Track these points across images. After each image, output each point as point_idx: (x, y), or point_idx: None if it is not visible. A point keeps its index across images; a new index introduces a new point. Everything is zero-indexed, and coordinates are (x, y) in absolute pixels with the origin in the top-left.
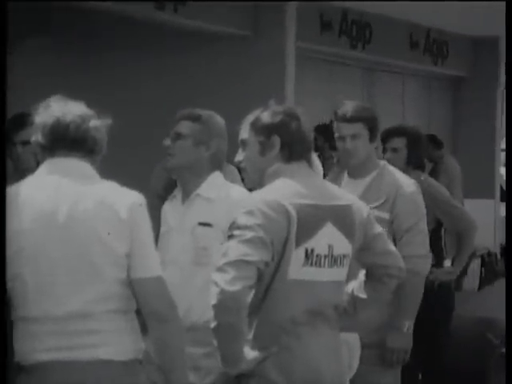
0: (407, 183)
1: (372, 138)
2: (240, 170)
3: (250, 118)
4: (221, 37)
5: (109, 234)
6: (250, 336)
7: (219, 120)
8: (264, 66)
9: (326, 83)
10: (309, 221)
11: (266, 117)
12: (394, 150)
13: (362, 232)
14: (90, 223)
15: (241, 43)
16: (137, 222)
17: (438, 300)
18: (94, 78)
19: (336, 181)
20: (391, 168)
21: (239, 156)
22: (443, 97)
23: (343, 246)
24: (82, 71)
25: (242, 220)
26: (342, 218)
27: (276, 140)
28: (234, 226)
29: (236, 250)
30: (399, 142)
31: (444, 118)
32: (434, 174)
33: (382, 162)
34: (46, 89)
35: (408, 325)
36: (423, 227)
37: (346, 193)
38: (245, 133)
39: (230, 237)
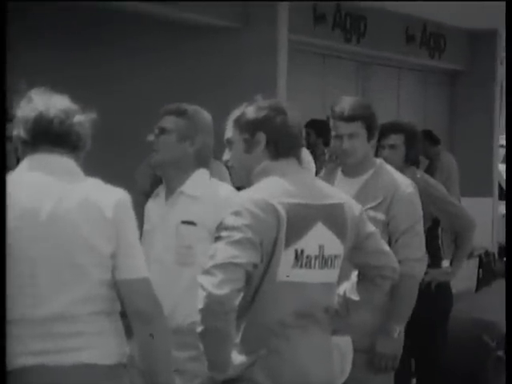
0: (405, 184)
1: (370, 137)
2: (229, 168)
3: (234, 115)
4: (210, 29)
5: (93, 233)
6: (238, 339)
7: (205, 115)
8: (255, 60)
9: (319, 77)
10: (299, 220)
11: (249, 113)
12: (392, 146)
13: (354, 231)
14: (73, 222)
15: (231, 36)
16: (122, 221)
17: (434, 301)
18: (83, 70)
19: (329, 179)
20: (388, 167)
21: (226, 155)
22: (439, 92)
23: (334, 246)
24: (71, 65)
25: (230, 221)
26: (333, 217)
27: (261, 136)
28: (221, 226)
29: (224, 252)
30: (397, 139)
31: (440, 113)
32: (430, 170)
33: (379, 161)
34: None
35: (399, 330)
36: (419, 229)
37: (337, 191)
38: (229, 131)
39: (218, 238)
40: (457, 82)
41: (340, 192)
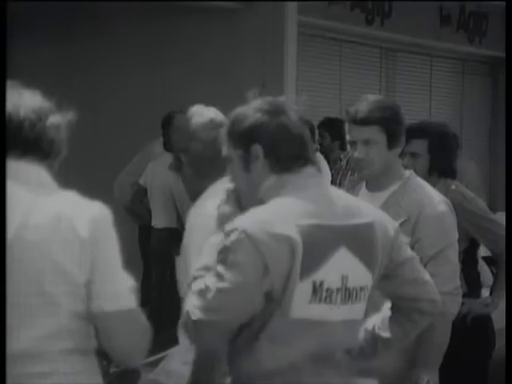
0: (436, 200)
1: (391, 144)
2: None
3: (225, 126)
4: (206, 10)
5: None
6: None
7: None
8: (259, 46)
9: (335, 67)
10: (317, 246)
11: (238, 121)
12: (413, 155)
13: (387, 256)
14: (42, 242)
15: (231, 18)
16: (99, 242)
17: (472, 339)
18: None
19: (351, 193)
20: (418, 180)
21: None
22: (480, 83)
23: (361, 276)
24: (68, 50)
25: (226, 252)
26: (359, 240)
27: (257, 149)
28: (218, 257)
29: (212, 300)
30: (419, 146)
31: (480, 109)
32: None
33: (408, 172)
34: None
35: (427, 380)
36: (452, 256)
37: (366, 206)
38: (224, 147)
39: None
40: (500, 71)
41: (371, 207)
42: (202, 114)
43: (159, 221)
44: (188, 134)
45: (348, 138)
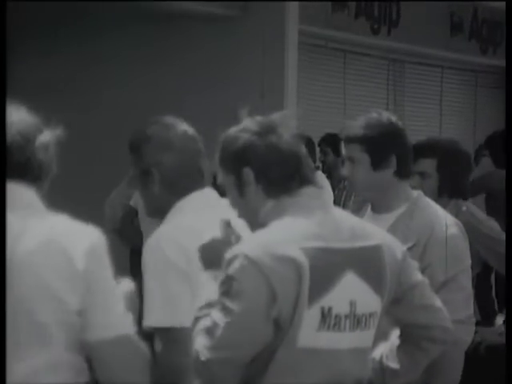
0: (446, 223)
1: (377, 165)
2: None
3: (216, 152)
4: (203, 17)
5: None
6: None
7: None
8: (257, 57)
9: (339, 78)
10: (324, 270)
11: (227, 145)
12: (422, 174)
13: (395, 280)
14: (34, 268)
15: (228, 26)
16: (95, 272)
17: (486, 368)
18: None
19: (357, 215)
20: (427, 201)
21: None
22: (493, 96)
23: (369, 301)
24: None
25: (231, 282)
26: (367, 263)
27: (248, 173)
28: (221, 289)
29: (222, 337)
30: (427, 165)
31: (494, 122)
32: None
33: (417, 193)
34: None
35: None
36: (465, 282)
37: (373, 228)
38: (219, 174)
39: (217, 303)
40: None
41: (377, 229)
42: (175, 124)
43: None
44: (162, 145)
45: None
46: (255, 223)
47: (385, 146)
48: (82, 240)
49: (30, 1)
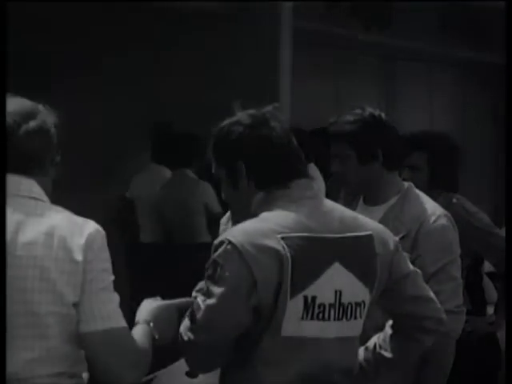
0: (436, 214)
1: (364, 159)
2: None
3: (210, 144)
4: (196, 15)
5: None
6: None
7: None
8: (252, 54)
9: (333, 75)
10: (309, 260)
11: (221, 138)
12: (412, 168)
13: (386, 270)
14: (33, 260)
15: (222, 23)
16: (93, 264)
17: (477, 358)
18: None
19: (349, 206)
20: (417, 193)
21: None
22: (484, 92)
23: (356, 291)
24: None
25: (215, 266)
26: (355, 253)
27: (241, 166)
28: (207, 273)
29: (201, 318)
30: (417, 158)
31: (484, 119)
32: None
33: (407, 185)
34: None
35: None
36: (454, 272)
37: (364, 219)
38: (213, 165)
39: (199, 291)
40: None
41: (369, 220)
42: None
43: (147, 235)
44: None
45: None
46: (248, 216)
47: (369, 140)
48: (82, 231)
49: (31, 0)
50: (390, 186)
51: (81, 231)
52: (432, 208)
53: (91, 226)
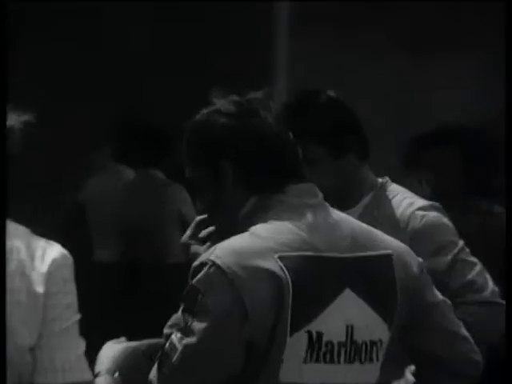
0: (422, 208)
1: (338, 154)
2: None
3: (184, 140)
4: None
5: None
6: None
7: None
8: (244, 31)
9: (335, 54)
10: (313, 285)
11: (200, 132)
12: (436, 169)
13: (408, 300)
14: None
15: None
16: (57, 299)
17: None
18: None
19: None
20: (394, 187)
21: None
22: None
23: (372, 326)
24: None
25: (195, 294)
26: (371, 278)
27: (225, 164)
28: (184, 304)
29: (178, 361)
30: (447, 153)
31: None
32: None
33: (380, 181)
34: None
35: None
36: (469, 257)
37: (381, 235)
38: (187, 167)
39: (174, 326)
40: None
41: (388, 237)
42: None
43: (102, 252)
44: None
45: None
46: (232, 226)
47: (339, 133)
48: (44, 258)
49: (33, 0)
50: (362, 181)
51: (43, 256)
52: (415, 202)
53: (56, 251)
